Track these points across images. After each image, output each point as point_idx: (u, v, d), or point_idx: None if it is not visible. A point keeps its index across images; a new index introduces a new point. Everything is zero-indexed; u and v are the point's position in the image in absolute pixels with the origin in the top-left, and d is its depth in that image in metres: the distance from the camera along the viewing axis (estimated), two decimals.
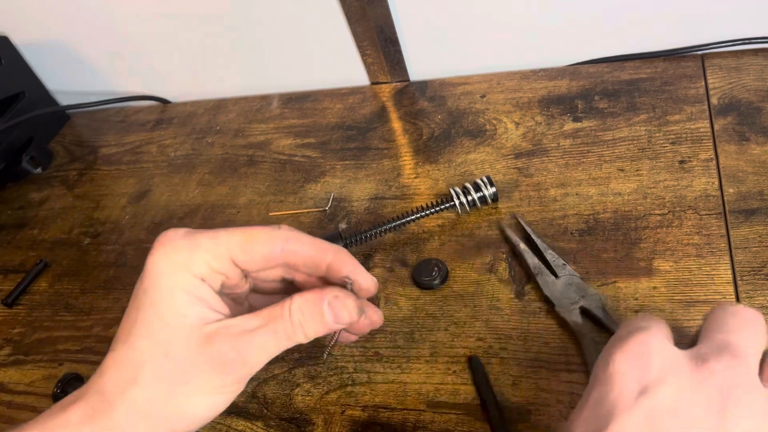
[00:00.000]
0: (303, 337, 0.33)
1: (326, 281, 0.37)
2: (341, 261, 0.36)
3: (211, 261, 0.34)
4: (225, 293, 0.36)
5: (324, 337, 0.36)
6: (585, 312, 0.44)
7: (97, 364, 0.54)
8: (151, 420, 0.32)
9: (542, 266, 0.48)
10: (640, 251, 0.48)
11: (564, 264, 0.47)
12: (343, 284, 0.36)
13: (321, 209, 0.62)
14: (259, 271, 0.36)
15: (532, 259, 0.48)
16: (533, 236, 0.50)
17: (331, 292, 0.34)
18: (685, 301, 0.44)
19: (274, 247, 0.35)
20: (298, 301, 0.33)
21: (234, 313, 0.35)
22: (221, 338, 0.32)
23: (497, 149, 0.61)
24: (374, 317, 0.38)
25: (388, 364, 0.47)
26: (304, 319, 0.33)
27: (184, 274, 0.33)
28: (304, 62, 0.80)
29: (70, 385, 0.52)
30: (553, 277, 0.47)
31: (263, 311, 0.33)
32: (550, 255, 0.48)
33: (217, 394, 0.33)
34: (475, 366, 0.44)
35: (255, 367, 0.33)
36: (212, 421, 0.46)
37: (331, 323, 0.34)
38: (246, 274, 0.37)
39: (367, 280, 0.36)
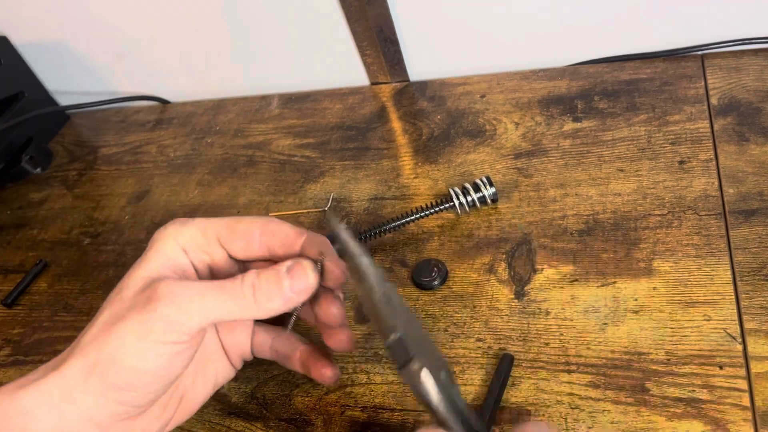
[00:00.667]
0: (254, 304, 0.32)
1: None
2: (315, 241, 0.36)
3: (198, 236, 0.35)
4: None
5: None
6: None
7: None
8: (98, 368, 0.31)
9: (391, 296, 0.33)
10: (639, 252, 0.48)
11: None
12: (316, 261, 0.35)
13: (321, 209, 0.62)
14: (245, 257, 0.37)
15: (379, 283, 0.33)
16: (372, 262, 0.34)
17: (293, 260, 0.34)
18: (684, 302, 0.44)
19: (254, 227, 0.36)
20: (258, 269, 0.33)
21: None
22: (163, 281, 0.32)
23: (497, 149, 0.61)
24: (333, 310, 0.37)
25: (387, 364, 0.47)
26: (259, 284, 0.32)
27: (169, 241, 0.35)
28: (303, 62, 0.80)
29: None
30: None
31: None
32: (390, 287, 0.33)
33: (150, 343, 0.31)
34: (504, 363, 0.44)
35: (194, 321, 0.32)
36: (211, 422, 0.47)
37: (287, 290, 0.33)
38: (237, 264, 0.38)
39: (336, 264, 0.35)
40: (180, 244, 0.35)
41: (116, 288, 0.34)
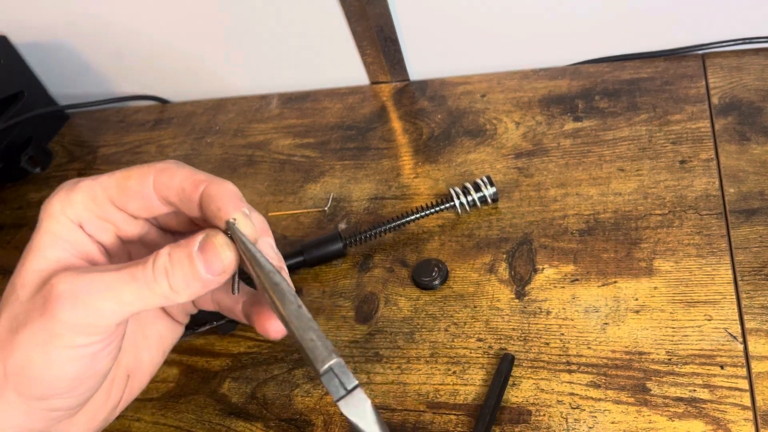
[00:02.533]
0: (168, 288, 0.27)
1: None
2: (214, 195, 0.28)
3: (89, 203, 0.29)
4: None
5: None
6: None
7: None
8: (10, 383, 0.28)
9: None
10: (640, 251, 0.48)
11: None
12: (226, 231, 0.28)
13: (320, 209, 0.62)
14: (152, 216, 0.31)
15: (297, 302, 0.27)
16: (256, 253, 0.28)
17: (204, 233, 0.28)
18: (685, 302, 0.44)
19: (145, 183, 0.29)
20: (169, 246, 0.28)
21: None
22: (60, 277, 0.27)
23: (497, 149, 0.61)
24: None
25: (387, 364, 0.47)
26: (171, 267, 0.27)
27: (58, 217, 0.29)
28: (303, 62, 0.79)
29: None
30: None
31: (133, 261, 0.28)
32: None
33: (60, 350, 0.27)
34: (504, 363, 0.44)
35: (106, 320, 0.27)
36: (210, 422, 0.46)
37: (204, 274, 0.27)
38: (152, 224, 0.32)
39: (247, 226, 0.28)
40: (71, 217, 0.29)
41: (9, 285, 0.29)
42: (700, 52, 0.64)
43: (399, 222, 0.54)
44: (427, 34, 0.72)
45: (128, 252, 0.33)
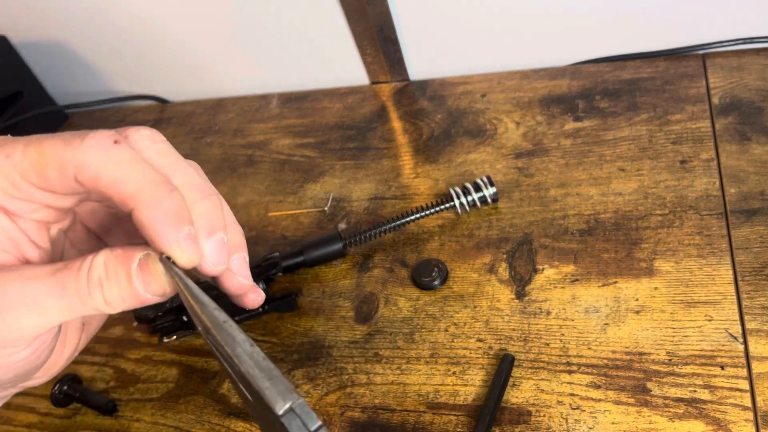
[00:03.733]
0: (102, 302, 0.24)
1: None
2: (144, 222, 0.23)
3: (9, 187, 0.25)
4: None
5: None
6: None
7: (96, 364, 0.54)
8: None
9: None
10: (640, 251, 0.48)
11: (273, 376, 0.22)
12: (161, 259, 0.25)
13: (320, 209, 0.62)
14: (78, 194, 0.27)
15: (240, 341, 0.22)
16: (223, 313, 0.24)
17: (144, 250, 0.25)
18: (686, 302, 0.44)
19: (66, 171, 0.24)
20: (105, 254, 0.24)
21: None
22: None
23: (497, 149, 0.61)
24: (234, 284, 0.28)
25: (387, 365, 0.47)
26: (107, 279, 0.24)
27: None
28: (303, 62, 0.79)
29: (68, 385, 0.51)
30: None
31: (64, 262, 0.25)
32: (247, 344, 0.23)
33: None
34: (504, 364, 0.43)
35: (30, 330, 0.24)
36: (210, 423, 0.46)
37: (141, 291, 0.25)
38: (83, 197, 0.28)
39: (181, 257, 0.24)
40: None
41: None
42: (700, 52, 0.64)
43: (399, 222, 0.54)
44: (427, 34, 0.72)
45: (73, 215, 0.29)
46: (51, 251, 0.28)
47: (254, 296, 0.29)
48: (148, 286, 0.25)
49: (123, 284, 0.24)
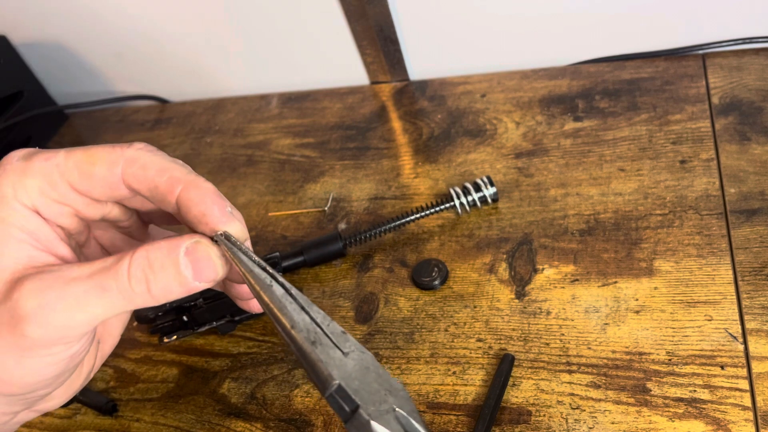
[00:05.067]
0: (148, 296, 0.25)
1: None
2: (195, 199, 0.26)
3: (46, 187, 0.26)
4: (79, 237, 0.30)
5: None
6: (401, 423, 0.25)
7: None
8: None
9: (318, 330, 0.25)
10: (640, 251, 0.48)
11: (343, 331, 0.25)
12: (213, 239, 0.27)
13: (320, 209, 0.62)
14: (114, 199, 0.29)
15: (299, 316, 0.25)
16: (285, 284, 0.26)
17: (191, 238, 0.26)
18: (686, 302, 0.44)
19: (114, 169, 0.26)
20: (145, 249, 0.25)
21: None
22: (24, 290, 0.25)
23: (497, 149, 0.61)
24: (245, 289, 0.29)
25: (387, 364, 0.47)
26: (153, 273, 0.25)
27: (11, 203, 0.26)
28: (303, 62, 0.79)
29: None
30: (340, 353, 0.24)
31: (99, 260, 0.26)
32: (316, 312, 0.25)
33: (35, 359, 0.26)
34: (504, 364, 0.44)
35: (78, 328, 0.25)
36: (210, 422, 0.46)
37: (190, 279, 0.25)
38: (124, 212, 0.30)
39: (235, 229, 0.27)
40: (26, 203, 0.26)
41: None
42: (700, 51, 0.64)
43: (399, 222, 0.54)
44: (427, 34, 0.72)
45: (89, 231, 0.31)
46: (73, 249, 0.29)
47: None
48: (200, 273, 0.26)
49: (171, 275, 0.25)
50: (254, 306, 0.30)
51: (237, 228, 0.26)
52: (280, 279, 0.25)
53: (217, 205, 0.26)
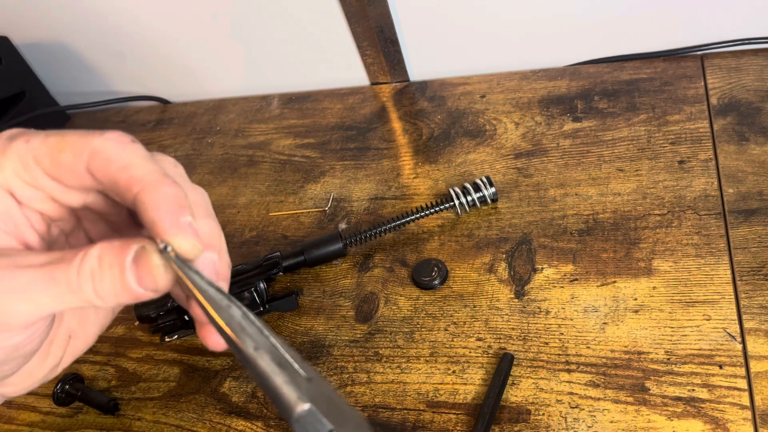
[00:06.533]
0: (93, 295, 0.24)
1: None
2: (148, 203, 0.24)
3: (20, 170, 0.25)
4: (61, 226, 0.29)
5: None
6: None
7: (97, 363, 0.54)
8: None
9: (283, 353, 0.22)
10: (639, 251, 0.48)
11: (302, 358, 0.22)
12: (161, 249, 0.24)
13: (321, 209, 0.62)
14: (85, 188, 0.27)
15: (261, 338, 0.22)
16: (242, 307, 0.23)
17: (140, 243, 0.24)
18: (684, 301, 0.44)
19: (80, 158, 0.25)
20: (100, 246, 0.24)
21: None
22: None
23: (497, 149, 0.61)
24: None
25: (387, 364, 0.47)
26: (101, 272, 0.24)
27: None
28: (304, 62, 0.80)
29: (70, 384, 0.52)
30: (304, 376, 0.22)
31: (59, 251, 0.25)
32: (275, 337, 0.23)
33: None
34: (504, 363, 0.44)
35: (20, 317, 0.24)
36: (212, 421, 0.47)
37: (134, 286, 0.24)
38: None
39: (183, 244, 0.24)
40: (2, 184, 0.26)
41: None
42: (699, 52, 0.64)
43: (399, 222, 0.54)
44: (427, 34, 0.72)
45: (78, 221, 0.30)
46: (50, 246, 0.28)
47: (215, 338, 0.27)
48: (141, 280, 0.24)
49: (116, 278, 0.24)
50: (210, 341, 0.27)
51: (187, 243, 0.24)
52: (237, 302, 0.23)
53: (169, 215, 0.24)
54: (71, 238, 0.30)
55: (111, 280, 0.24)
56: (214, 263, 0.27)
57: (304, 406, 0.21)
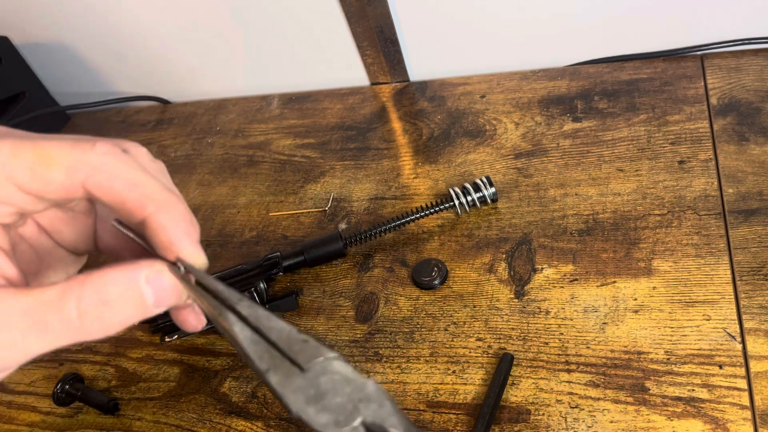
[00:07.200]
0: (100, 330, 0.23)
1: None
2: (166, 225, 0.24)
3: None
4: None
5: None
6: None
7: (97, 363, 0.54)
8: None
9: (274, 353, 0.22)
10: (639, 251, 0.48)
11: (304, 339, 0.22)
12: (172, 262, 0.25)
13: (321, 209, 0.62)
14: (66, 200, 0.25)
15: (252, 343, 0.22)
16: (234, 306, 0.23)
17: (150, 266, 0.24)
18: (684, 302, 0.44)
19: (75, 175, 0.24)
20: (94, 285, 0.23)
21: (34, 264, 0.25)
22: None
23: (497, 149, 0.61)
24: (191, 322, 0.28)
25: (387, 364, 0.47)
26: (110, 308, 0.23)
27: None
28: (304, 62, 0.80)
29: (70, 384, 0.52)
30: (298, 371, 0.22)
31: (36, 290, 0.23)
32: (275, 325, 0.23)
33: None
34: (504, 363, 0.44)
35: (6, 365, 0.23)
36: (212, 421, 0.47)
37: (152, 306, 0.24)
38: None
39: (200, 260, 0.25)
40: None
41: None
42: (698, 52, 0.64)
43: (399, 222, 0.54)
44: (427, 34, 0.72)
45: (33, 225, 0.29)
46: (11, 252, 0.26)
47: (194, 319, 0.28)
48: (162, 301, 0.24)
49: (131, 306, 0.23)
50: (189, 323, 0.28)
51: (200, 259, 0.25)
52: (233, 300, 0.23)
53: (188, 236, 0.24)
54: (22, 228, 0.29)
55: (125, 311, 0.23)
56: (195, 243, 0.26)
57: (292, 415, 0.21)
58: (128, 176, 0.24)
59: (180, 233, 0.24)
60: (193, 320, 0.28)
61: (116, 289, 0.23)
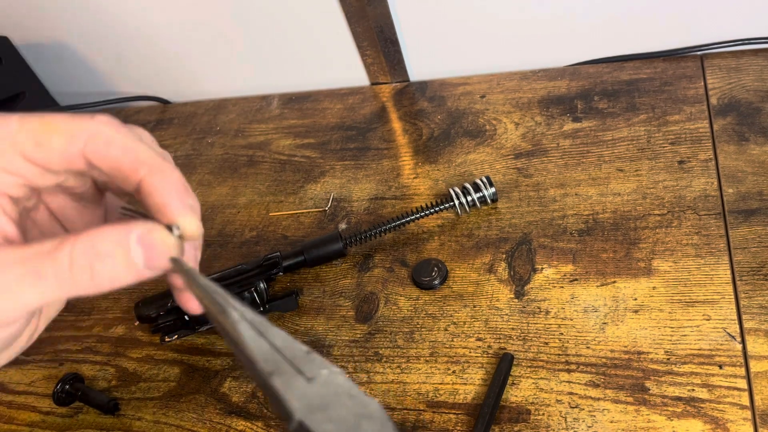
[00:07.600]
0: (91, 284, 0.24)
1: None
2: (158, 187, 0.25)
3: None
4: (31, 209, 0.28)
5: None
6: None
7: (97, 363, 0.54)
8: None
9: (277, 357, 0.22)
10: (639, 251, 0.48)
11: (307, 351, 0.22)
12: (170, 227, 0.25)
13: (321, 209, 0.62)
14: (67, 169, 0.26)
15: (255, 344, 0.22)
16: (238, 308, 0.23)
17: (144, 226, 0.24)
18: (684, 302, 0.44)
19: (75, 142, 0.25)
20: (89, 236, 0.23)
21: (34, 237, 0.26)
22: None
23: (497, 149, 0.62)
24: (191, 305, 0.28)
25: (387, 364, 0.47)
26: (99, 260, 0.23)
27: None
28: (304, 62, 0.80)
29: (70, 384, 0.52)
30: (303, 380, 0.22)
31: (36, 244, 0.24)
32: (276, 335, 0.22)
33: None
34: (504, 363, 0.44)
35: (3, 318, 0.24)
36: (212, 421, 0.47)
37: (141, 267, 0.24)
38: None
39: (191, 225, 0.25)
40: None
41: None
42: (698, 52, 0.64)
43: (399, 222, 0.54)
44: (427, 34, 0.72)
45: (39, 195, 0.29)
46: (17, 221, 0.27)
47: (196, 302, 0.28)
48: (152, 261, 0.24)
49: (120, 263, 0.24)
50: (191, 305, 0.28)
51: (193, 224, 0.25)
52: (233, 302, 0.23)
53: (179, 197, 0.25)
54: (33, 212, 0.30)
55: (113, 267, 0.24)
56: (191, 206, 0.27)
57: (293, 421, 0.20)
58: (123, 142, 0.25)
59: (173, 195, 0.25)
60: (195, 303, 0.28)
61: (107, 245, 0.23)
